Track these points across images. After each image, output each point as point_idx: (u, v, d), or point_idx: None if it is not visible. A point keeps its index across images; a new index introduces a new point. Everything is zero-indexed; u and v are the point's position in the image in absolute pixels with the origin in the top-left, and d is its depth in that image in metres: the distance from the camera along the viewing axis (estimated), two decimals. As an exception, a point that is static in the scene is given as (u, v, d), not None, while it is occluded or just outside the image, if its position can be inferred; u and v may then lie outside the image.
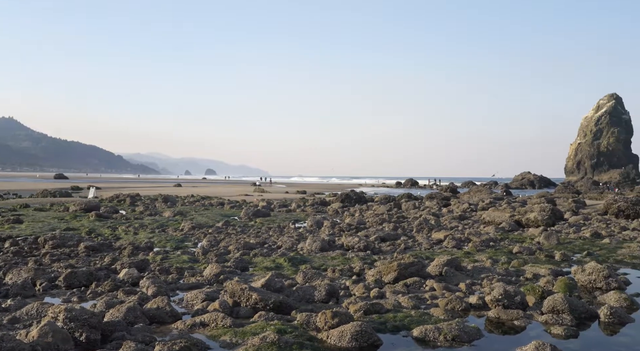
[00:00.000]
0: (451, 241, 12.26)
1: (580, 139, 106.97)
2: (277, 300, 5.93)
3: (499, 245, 12.15)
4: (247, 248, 10.97)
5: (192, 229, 14.95)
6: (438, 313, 5.89)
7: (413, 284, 7.49)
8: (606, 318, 5.78)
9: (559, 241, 12.50)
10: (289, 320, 5.52)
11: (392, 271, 7.82)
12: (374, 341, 4.86)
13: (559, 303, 5.90)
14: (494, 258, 9.94)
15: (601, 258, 10.22)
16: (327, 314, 5.17)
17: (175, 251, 10.86)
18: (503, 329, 5.56)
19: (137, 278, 7.65)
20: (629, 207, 19.05)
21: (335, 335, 4.86)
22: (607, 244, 12.23)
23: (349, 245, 11.50)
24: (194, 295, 6.46)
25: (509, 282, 7.74)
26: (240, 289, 5.98)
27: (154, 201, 27.18)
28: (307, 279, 7.72)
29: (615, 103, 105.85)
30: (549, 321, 5.67)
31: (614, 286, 7.40)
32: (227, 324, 5.21)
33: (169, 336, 4.98)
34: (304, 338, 4.83)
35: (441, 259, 8.43)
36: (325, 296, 6.54)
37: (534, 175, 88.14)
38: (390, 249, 11.61)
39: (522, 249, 10.92)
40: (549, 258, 10.21)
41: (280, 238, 13.16)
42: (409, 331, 5.26)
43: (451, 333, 5.05)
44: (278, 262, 9.35)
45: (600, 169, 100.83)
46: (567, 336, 5.26)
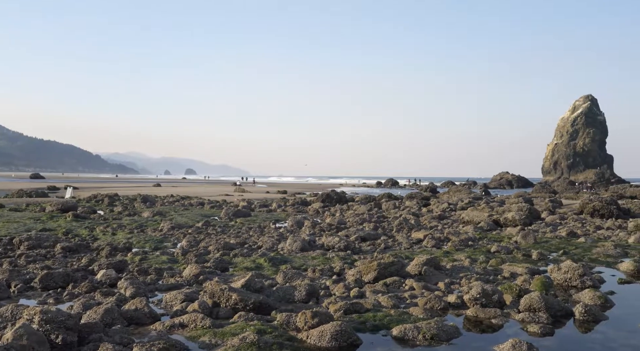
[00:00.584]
0: (431, 241, 12.37)
1: (557, 140, 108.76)
2: (257, 300, 5.92)
3: (478, 244, 12.28)
4: (227, 249, 10.92)
5: (171, 229, 14.82)
6: (417, 312, 5.94)
7: (393, 283, 7.53)
8: (581, 316, 5.89)
9: (536, 240, 12.70)
10: (269, 320, 5.52)
11: (372, 271, 7.86)
12: (353, 340, 4.88)
13: (535, 301, 6.00)
14: (472, 257, 10.05)
15: (577, 256, 10.41)
16: (307, 314, 5.18)
17: (154, 252, 10.76)
18: (481, 327, 5.63)
19: (115, 279, 7.56)
20: (604, 207, 19.43)
21: (315, 334, 4.87)
22: (583, 243, 12.45)
23: (329, 245, 11.52)
24: (173, 296, 6.41)
25: (487, 281, 7.84)
26: (219, 290, 5.95)
27: (133, 201, 26.86)
28: (287, 279, 7.71)
29: (590, 104, 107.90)
30: (525, 320, 5.76)
31: (588, 284, 7.54)
32: (206, 325, 5.18)
33: (148, 337, 4.94)
34: (283, 338, 4.83)
35: (420, 259, 8.50)
36: (305, 296, 6.54)
37: (512, 175, 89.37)
38: (370, 248, 11.66)
39: (500, 249, 11.06)
40: (526, 257, 10.36)
41: (260, 238, 13.12)
42: (388, 331, 5.30)
43: (430, 332, 5.10)
44: (258, 262, 9.33)
45: (577, 169, 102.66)
46: (543, 334, 5.34)
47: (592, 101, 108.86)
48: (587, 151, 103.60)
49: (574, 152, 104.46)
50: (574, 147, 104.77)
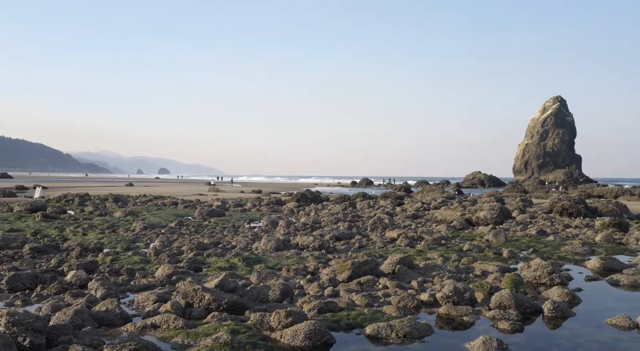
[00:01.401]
0: (404, 240, 12.48)
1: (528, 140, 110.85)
2: (231, 300, 5.89)
3: (450, 243, 12.45)
4: (200, 248, 10.83)
5: (144, 229, 14.62)
6: (390, 310, 5.99)
7: (367, 282, 7.58)
8: (549, 312, 6.03)
9: (507, 239, 12.93)
10: (243, 320, 5.50)
11: (346, 270, 7.90)
12: (327, 339, 4.90)
13: (505, 298, 6.11)
14: (445, 255, 10.18)
15: (546, 254, 10.63)
16: (281, 313, 5.18)
17: (126, 252, 10.60)
18: (453, 325, 5.70)
19: (86, 280, 7.43)
20: (572, 206, 19.89)
21: (289, 334, 4.87)
22: (552, 241, 12.73)
23: (304, 244, 11.53)
24: (145, 297, 6.33)
25: (459, 279, 7.95)
26: (193, 290, 5.90)
27: (104, 201, 26.41)
28: (261, 279, 7.69)
29: (559, 105, 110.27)
30: (496, 317, 5.86)
31: (557, 281, 7.72)
32: (179, 325, 5.13)
33: (119, 339, 4.87)
34: (257, 338, 4.82)
35: (394, 258, 8.57)
36: (279, 295, 6.54)
37: (484, 175, 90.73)
38: (344, 248, 11.71)
39: (472, 247, 11.23)
40: (497, 255, 10.54)
41: (234, 237, 13.05)
42: (362, 329, 5.33)
43: (403, 330, 5.15)
44: (232, 262, 9.27)
45: (546, 169, 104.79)
46: (512, 331, 5.45)
47: (561, 102, 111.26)
48: (557, 151, 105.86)
49: (544, 152, 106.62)
50: (544, 147, 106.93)
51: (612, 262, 9.21)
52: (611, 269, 8.93)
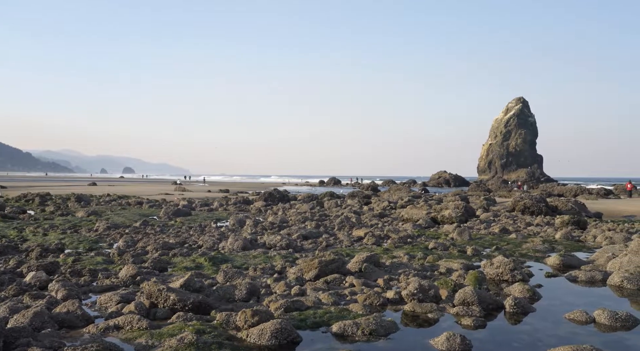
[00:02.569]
0: (371, 238, 12.58)
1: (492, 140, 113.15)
2: (197, 300, 5.83)
3: (416, 241, 12.61)
4: (166, 248, 10.68)
5: (107, 229, 14.33)
6: (357, 308, 6.03)
7: (333, 281, 7.62)
8: (511, 308, 6.18)
9: (471, 237, 13.18)
10: (209, 320, 5.45)
11: (313, 269, 7.91)
12: (293, 338, 4.91)
13: (469, 295, 6.23)
14: (411, 253, 10.31)
15: (508, 252, 10.89)
16: (247, 313, 5.15)
17: (88, 253, 10.38)
18: (418, 322, 5.78)
19: (46, 282, 7.23)
20: (534, 204, 20.41)
21: (255, 333, 4.86)
22: (514, 239, 13.04)
23: (271, 243, 11.50)
24: (108, 298, 6.21)
25: (424, 277, 8.07)
26: (157, 290, 5.82)
27: (66, 201, 25.75)
28: (227, 278, 7.63)
29: (522, 106, 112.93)
30: (459, 313, 5.97)
31: (518, 278, 7.91)
32: (143, 326, 5.05)
33: (80, 340, 4.76)
34: (223, 338, 4.78)
35: (361, 256, 8.63)
36: (246, 295, 6.50)
37: (449, 174, 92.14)
38: (312, 247, 11.73)
39: (437, 245, 11.41)
40: (462, 253, 10.74)
41: (201, 237, 12.91)
42: (328, 327, 5.35)
43: (368, 328, 5.20)
44: (198, 262, 9.18)
45: (509, 168, 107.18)
46: (475, 327, 5.56)
47: (524, 103, 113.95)
48: (519, 151, 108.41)
49: (507, 152, 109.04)
50: (507, 147, 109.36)
51: (570, 259, 9.50)
52: (570, 265, 9.22)
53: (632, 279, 7.57)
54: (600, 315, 5.74)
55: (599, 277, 8.10)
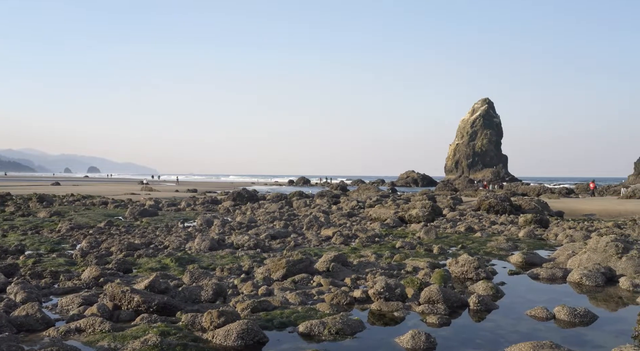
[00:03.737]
0: (339, 238, 12.64)
1: (458, 140, 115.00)
2: (162, 301, 5.74)
3: (384, 240, 12.72)
4: (131, 249, 10.49)
5: (70, 230, 13.99)
6: (324, 308, 6.04)
7: (301, 280, 7.62)
8: (475, 306, 6.29)
9: (437, 236, 13.37)
10: (174, 322, 5.38)
11: (280, 269, 7.90)
12: (260, 338, 4.89)
13: (434, 293, 6.32)
14: (378, 253, 10.39)
15: (473, 250, 11.09)
16: (213, 313, 5.11)
17: (50, 254, 10.11)
18: (384, 320, 5.84)
19: (4, 284, 7.01)
20: (498, 203, 20.84)
21: (221, 334, 4.82)
22: (479, 237, 13.28)
23: (239, 244, 11.43)
24: (69, 300, 6.07)
25: (391, 275, 8.15)
26: (121, 292, 5.71)
27: (28, 201, 25.00)
28: (194, 279, 7.55)
29: (487, 107, 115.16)
30: (425, 311, 6.05)
31: (482, 276, 8.06)
32: (105, 328, 4.95)
33: (39, 344, 4.64)
34: (188, 339, 4.73)
35: (329, 256, 8.66)
36: (212, 295, 6.45)
37: (417, 174, 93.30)
38: (280, 246, 11.71)
39: (404, 244, 11.53)
40: (428, 252, 10.88)
41: (167, 237, 12.74)
42: (295, 327, 5.35)
43: (335, 327, 5.22)
44: (164, 262, 9.05)
45: (476, 168, 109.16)
46: (440, 325, 5.64)
47: (489, 104, 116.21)
48: (485, 151, 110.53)
49: (473, 152, 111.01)
50: (473, 147, 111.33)
51: (532, 257, 9.73)
52: (532, 263, 9.45)
53: (590, 276, 7.80)
54: (560, 311, 5.90)
55: (560, 274, 8.33)
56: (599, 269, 8.05)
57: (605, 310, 6.43)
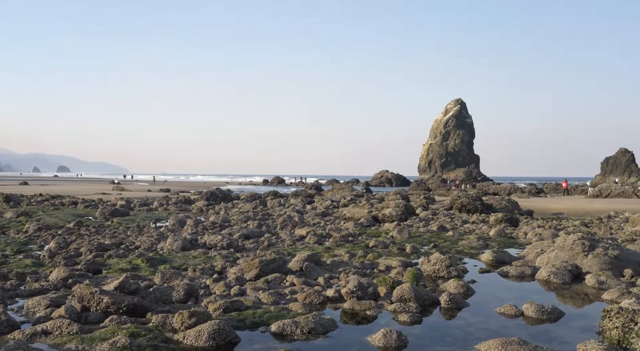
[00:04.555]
0: (313, 237, 12.64)
1: (431, 140, 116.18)
2: (132, 302, 5.66)
3: (357, 240, 12.77)
4: (101, 250, 10.32)
5: (38, 230, 13.68)
6: (297, 307, 6.04)
7: (274, 280, 7.60)
8: (446, 304, 6.38)
9: (410, 235, 13.49)
10: (144, 323, 5.31)
11: (253, 268, 7.87)
12: (232, 338, 4.86)
13: (406, 292, 6.38)
14: (351, 252, 10.43)
15: (445, 249, 11.22)
16: (184, 314, 5.06)
17: (16, 255, 9.87)
18: (357, 319, 5.86)
19: (-32, 287, 6.83)
20: (470, 203, 21.14)
21: (192, 334, 4.78)
22: (451, 236, 13.45)
23: (211, 243, 11.34)
24: (36, 302, 5.93)
25: (364, 274, 8.19)
26: (89, 293, 5.61)
27: (-7, 201, 24.37)
28: (165, 279, 7.46)
29: (460, 107, 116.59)
30: (397, 310, 6.10)
31: (454, 274, 8.17)
32: (73, 331, 4.85)
33: (4, 347, 4.52)
34: (158, 340, 4.67)
35: (302, 255, 8.65)
36: (183, 296, 6.38)
37: (391, 173, 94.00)
38: (253, 246, 11.66)
39: (377, 243, 11.60)
40: (401, 251, 10.97)
41: (139, 237, 12.56)
42: (267, 327, 5.34)
43: (307, 326, 5.22)
44: (135, 263, 8.92)
45: (448, 168, 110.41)
46: (412, 323, 5.70)
47: (462, 105, 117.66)
48: (458, 151, 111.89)
49: (446, 152, 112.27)
50: (446, 147, 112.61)
51: (502, 255, 9.90)
52: (502, 261, 9.61)
53: (558, 274, 7.98)
54: (528, 308, 6.02)
55: (529, 272, 8.49)
56: (566, 267, 8.24)
57: (572, 307, 6.59)
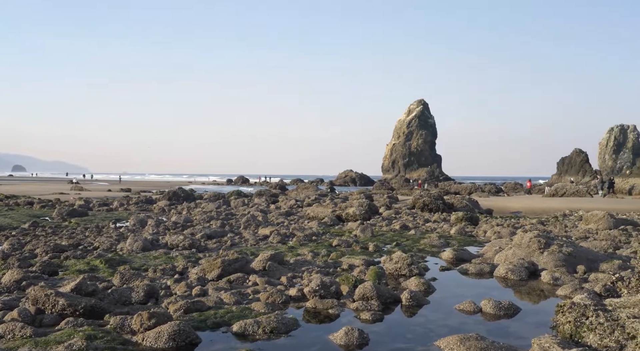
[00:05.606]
0: (276, 237, 12.61)
1: (395, 140, 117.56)
2: (89, 304, 5.53)
3: (321, 239, 12.81)
4: (57, 251, 10.02)
5: (-10, 231, 13.20)
6: (259, 307, 6.01)
7: (236, 280, 7.55)
8: (407, 301, 6.46)
9: (373, 234, 13.61)
10: (102, 325, 5.19)
11: (215, 268, 7.79)
12: (192, 339, 4.80)
13: (368, 290, 6.44)
14: (315, 251, 10.45)
15: (407, 247, 11.37)
16: (144, 315, 4.97)
17: (-33, 257, 9.49)
18: (319, 318, 5.88)
19: None
20: (432, 202, 21.47)
21: (152, 336, 4.70)
22: (413, 235, 13.64)
23: (173, 244, 11.17)
24: (-13, 305, 5.72)
25: (327, 273, 8.21)
26: (44, 295, 5.45)
27: (-57, 201, 23.41)
28: (124, 280, 7.31)
29: (423, 108, 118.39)
30: (359, 308, 6.15)
31: (415, 272, 8.29)
32: (26, 334, 4.70)
33: (-47, 354, 4.35)
34: (116, 343, 4.57)
35: (265, 255, 8.62)
36: (143, 297, 6.27)
37: (355, 173, 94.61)
38: (216, 246, 11.54)
39: (341, 242, 11.66)
40: (364, 250, 11.06)
41: (97, 238, 12.26)
42: (229, 327, 5.29)
43: (270, 326, 5.21)
44: (93, 264, 8.70)
45: (411, 167, 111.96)
46: (373, 321, 5.75)
47: (424, 105, 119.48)
48: (420, 151, 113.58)
49: (409, 152, 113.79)
50: (409, 147, 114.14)
51: (462, 253, 10.11)
52: (462, 259, 9.80)
53: (515, 271, 8.20)
54: (486, 304, 6.16)
55: (487, 269, 8.69)
56: (523, 264, 8.48)
57: (528, 303, 6.78)
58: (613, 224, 15.18)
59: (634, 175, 45.77)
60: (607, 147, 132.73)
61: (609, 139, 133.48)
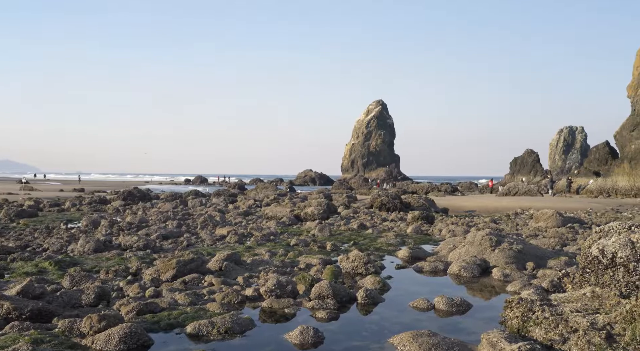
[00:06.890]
0: (234, 237, 12.52)
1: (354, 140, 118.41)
2: (36, 307, 5.35)
3: (279, 238, 12.79)
4: (3, 253, 9.66)
5: None
6: (214, 307, 5.96)
7: (192, 280, 7.45)
8: (363, 299, 6.52)
9: (331, 233, 13.69)
10: (50, 328, 5.03)
11: (170, 269, 7.67)
12: (144, 341, 4.71)
13: (324, 289, 6.47)
14: (272, 250, 10.43)
15: (364, 246, 11.48)
16: (93, 318, 4.85)
17: None
18: (275, 317, 5.87)
19: None
20: (390, 201, 21.75)
21: (102, 339, 4.59)
22: (370, 234, 13.79)
23: (127, 244, 10.93)
24: None
25: (284, 273, 8.21)
26: (-12, 300, 5.24)
27: None
28: (74, 282, 7.10)
29: (381, 109, 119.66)
30: (315, 307, 6.17)
31: (371, 270, 8.38)
32: (-32, 340, 4.52)
33: None
34: (64, 346, 4.45)
35: (222, 255, 8.55)
36: (94, 299, 6.11)
37: (315, 172, 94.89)
38: (172, 247, 11.37)
39: (298, 242, 11.67)
40: (322, 249, 11.11)
41: (47, 239, 11.87)
42: (183, 328, 5.23)
43: (224, 326, 5.17)
44: (42, 266, 8.42)
45: (370, 167, 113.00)
46: (329, 319, 5.79)
47: (383, 106, 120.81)
48: (379, 151, 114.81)
49: (368, 151, 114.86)
50: (368, 147, 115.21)
51: (418, 251, 10.29)
52: (417, 257, 9.98)
53: (468, 268, 8.40)
54: (439, 301, 6.30)
55: (441, 267, 8.87)
56: (476, 261, 8.70)
57: (479, 299, 6.96)
58: (561, 222, 15.76)
59: (581, 175, 47.67)
60: (557, 147, 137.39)
61: (558, 140, 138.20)
